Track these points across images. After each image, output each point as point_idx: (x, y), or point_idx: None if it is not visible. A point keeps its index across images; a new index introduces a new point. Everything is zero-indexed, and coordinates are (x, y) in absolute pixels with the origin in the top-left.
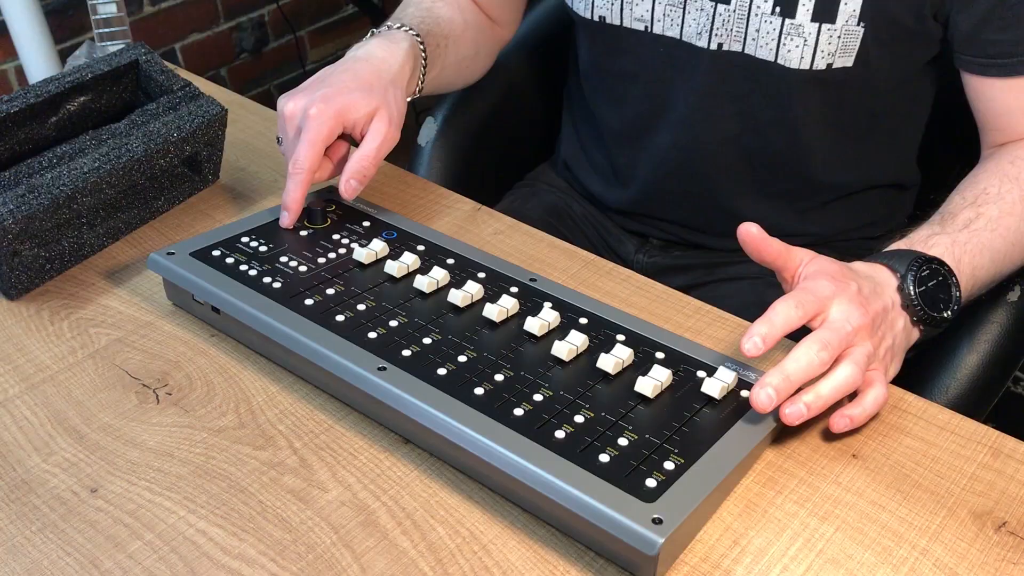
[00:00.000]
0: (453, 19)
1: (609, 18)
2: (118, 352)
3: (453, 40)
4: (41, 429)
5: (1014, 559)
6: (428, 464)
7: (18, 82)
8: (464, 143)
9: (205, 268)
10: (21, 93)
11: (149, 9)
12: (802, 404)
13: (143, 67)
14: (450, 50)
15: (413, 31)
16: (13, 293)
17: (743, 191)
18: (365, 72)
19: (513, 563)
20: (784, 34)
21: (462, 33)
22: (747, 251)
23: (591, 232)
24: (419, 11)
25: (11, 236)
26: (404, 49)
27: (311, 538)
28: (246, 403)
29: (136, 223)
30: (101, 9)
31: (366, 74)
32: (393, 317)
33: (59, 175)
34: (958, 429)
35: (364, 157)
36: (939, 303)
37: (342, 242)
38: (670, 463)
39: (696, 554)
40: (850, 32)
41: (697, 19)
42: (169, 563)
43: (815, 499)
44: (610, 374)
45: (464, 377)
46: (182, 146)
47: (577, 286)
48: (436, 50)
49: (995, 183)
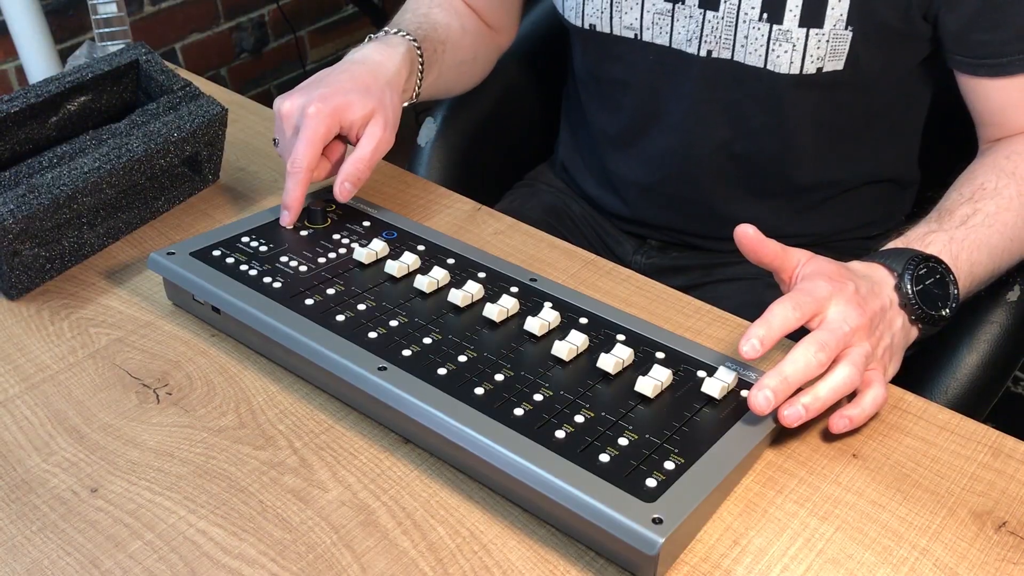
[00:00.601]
0: (450, 25)
1: (599, 26)
2: (118, 352)
3: (451, 45)
4: (41, 429)
5: (1014, 559)
6: (428, 464)
7: (18, 82)
8: (464, 143)
9: (205, 268)
10: (21, 93)
11: (149, 9)
12: (800, 406)
13: (143, 67)
14: (447, 55)
15: (410, 36)
16: (13, 293)
17: (738, 195)
18: (362, 74)
19: (513, 563)
20: (772, 40)
21: (460, 38)
22: (744, 253)
23: (590, 232)
24: (416, 17)
25: (11, 236)
26: (401, 53)
27: (311, 538)
28: (246, 403)
29: (136, 223)
30: (101, 9)
31: (363, 76)
32: (393, 317)
33: (59, 175)
34: (958, 429)
35: (359, 160)
36: (937, 301)
37: (342, 242)
38: (670, 463)
39: (696, 554)
40: (838, 36)
41: (686, 26)
42: (169, 563)
43: (815, 499)
44: (610, 374)
45: (464, 377)
46: (182, 146)
47: (577, 286)
48: (433, 55)
49: (992, 178)
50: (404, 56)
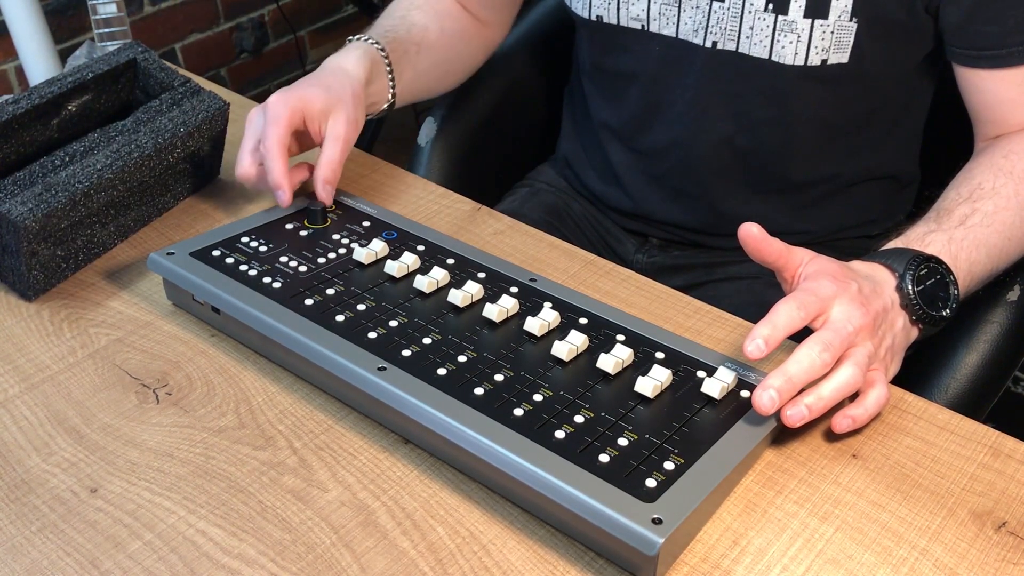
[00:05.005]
0: (427, 27)
1: (606, 17)
2: (118, 352)
3: (426, 47)
4: (41, 429)
5: (1014, 559)
6: (428, 464)
7: (18, 82)
8: (464, 143)
9: (205, 268)
10: (24, 95)
11: (149, 9)
12: (803, 406)
13: (141, 65)
14: (422, 56)
15: (373, 40)
16: (31, 294)
17: (739, 191)
18: (322, 75)
19: (513, 563)
20: (778, 31)
21: (436, 40)
22: (747, 251)
23: (591, 232)
24: (391, 20)
25: (31, 235)
26: (359, 56)
27: (311, 538)
28: (246, 403)
29: (144, 220)
30: (101, 9)
31: (323, 76)
32: (393, 317)
33: (74, 173)
34: (958, 429)
35: (329, 163)
36: (937, 302)
37: (342, 242)
38: (670, 463)
39: (696, 554)
40: (843, 28)
41: (693, 17)
42: (169, 563)
43: (815, 499)
44: (610, 374)
45: (464, 377)
46: (188, 141)
47: (577, 286)
48: (403, 56)
49: (989, 178)
50: (362, 58)
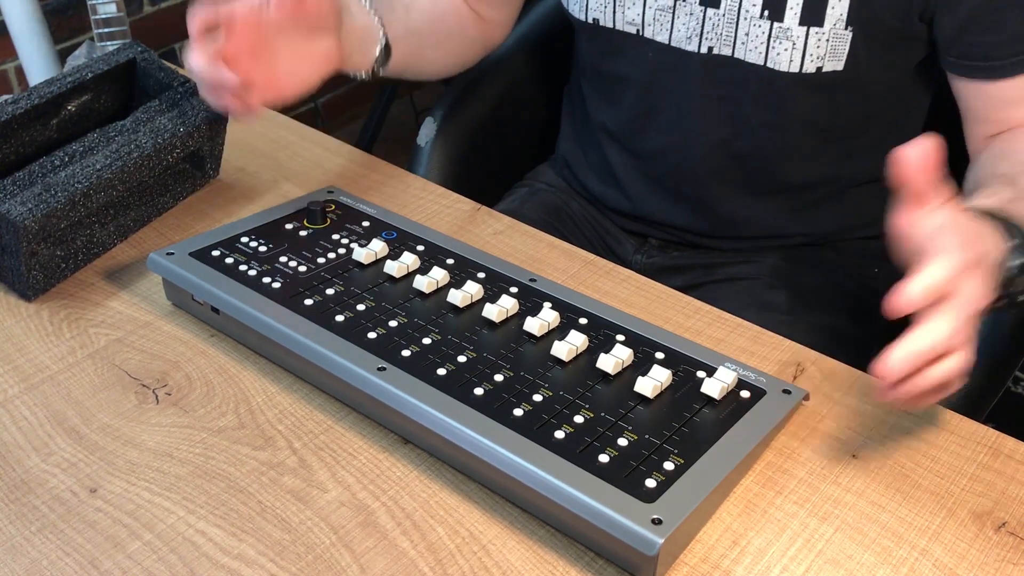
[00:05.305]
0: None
1: (603, 20)
2: (118, 352)
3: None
4: (40, 429)
5: (1014, 559)
6: (428, 464)
7: (18, 82)
8: (464, 143)
9: (205, 268)
10: (24, 95)
11: (149, 9)
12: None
13: (140, 65)
14: (412, 14)
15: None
16: (30, 295)
17: (737, 193)
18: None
19: (513, 563)
20: (773, 37)
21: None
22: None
23: (590, 232)
24: None
25: (31, 235)
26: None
27: (310, 538)
28: (246, 403)
29: (143, 220)
30: (101, 9)
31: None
32: (393, 317)
33: (73, 173)
34: (958, 429)
35: None
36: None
37: (342, 242)
38: (670, 463)
39: (696, 554)
40: (838, 36)
41: (687, 23)
42: (168, 563)
43: (815, 499)
44: (610, 374)
45: (464, 377)
46: (187, 141)
47: (577, 286)
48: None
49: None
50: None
